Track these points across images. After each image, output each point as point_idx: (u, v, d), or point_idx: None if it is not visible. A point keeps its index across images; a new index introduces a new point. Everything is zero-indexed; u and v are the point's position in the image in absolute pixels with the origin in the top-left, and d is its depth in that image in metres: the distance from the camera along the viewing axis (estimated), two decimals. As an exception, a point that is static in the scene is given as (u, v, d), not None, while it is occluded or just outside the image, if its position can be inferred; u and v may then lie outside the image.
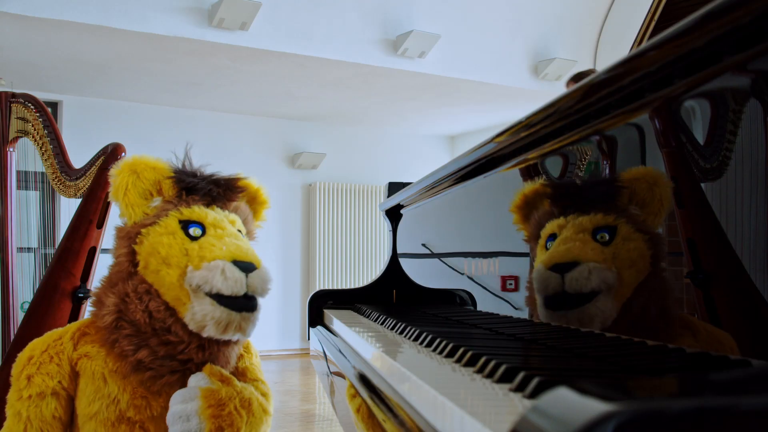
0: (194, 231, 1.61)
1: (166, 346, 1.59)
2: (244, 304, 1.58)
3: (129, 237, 1.64)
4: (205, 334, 1.58)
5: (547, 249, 0.98)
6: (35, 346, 1.65)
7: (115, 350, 1.59)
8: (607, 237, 0.86)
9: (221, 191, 1.71)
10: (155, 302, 1.59)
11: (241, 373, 1.77)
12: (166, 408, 1.61)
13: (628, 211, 0.82)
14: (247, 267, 1.58)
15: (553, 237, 0.97)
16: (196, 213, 1.64)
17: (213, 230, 1.63)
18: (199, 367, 1.63)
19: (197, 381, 1.59)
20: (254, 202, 1.84)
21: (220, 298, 1.56)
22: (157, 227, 1.61)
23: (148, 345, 1.58)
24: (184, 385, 1.61)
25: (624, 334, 0.86)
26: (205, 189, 1.69)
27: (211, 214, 1.65)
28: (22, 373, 1.61)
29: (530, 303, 1.06)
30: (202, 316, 1.55)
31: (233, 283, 1.56)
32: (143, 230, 1.62)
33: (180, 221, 1.62)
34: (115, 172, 1.65)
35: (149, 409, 1.61)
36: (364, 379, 1.07)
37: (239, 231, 1.71)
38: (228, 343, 1.67)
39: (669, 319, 0.77)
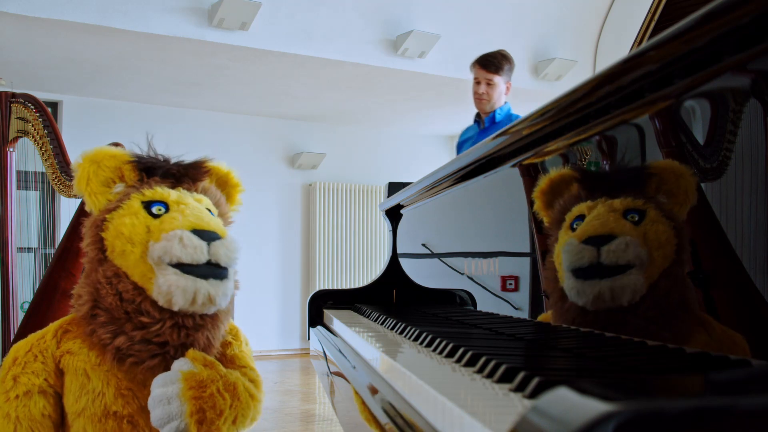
0: (157, 209, 1.62)
1: (141, 330, 1.57)
2: (210, 272, 1.57)
3: (96, 225, 1.65)
4: (175, 308, 1.57)
5: (573, 229, 0.98)
6: (19, 347, 1.65)
7: (93, 341, 1.59)
8: (636, 218, 0.86)
9: (182, 169, 1.72)
10: (124, 284, 1.58)
11: (229, 361, 1.77)
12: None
13: (657, 198, 0.83)
14: (209, 236, 1.58)
15: (580, 218, 0.98)
16: (159, 193, 1.64)
17: (176, 206, 1.63)
18: (178, 350, 1.61)
19: (180, 365, 1.58)
20: (226, 185, 1.84)
21: (182, 267, 1.55)
22: (120, 210, 1.62)
23: (124, 331, 1.57)
24: (166, 369, 1.59)
25: (647, 314, 0.85)
26: (164, 167, 1.69)
27: (174, 193, 1.66)
28: (8, 374, 1.61)
29: (549, 286, 1.05)
30: (167, 287, 1.54)
31: (192, 250, 1.55)
32: (107, 216, 1.63)
33: (143, 202, 1.63)
34: (76, 165, 1.68)
35: (136, 400, 1.60)
36: (363, 380, 1.07)
37: (208, 210, 1.70)
38: (205, 322, 1.65)
39: (687, 311, 0.77)
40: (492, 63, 3.39)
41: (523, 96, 6.31)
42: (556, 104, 0.95)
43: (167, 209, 1.63)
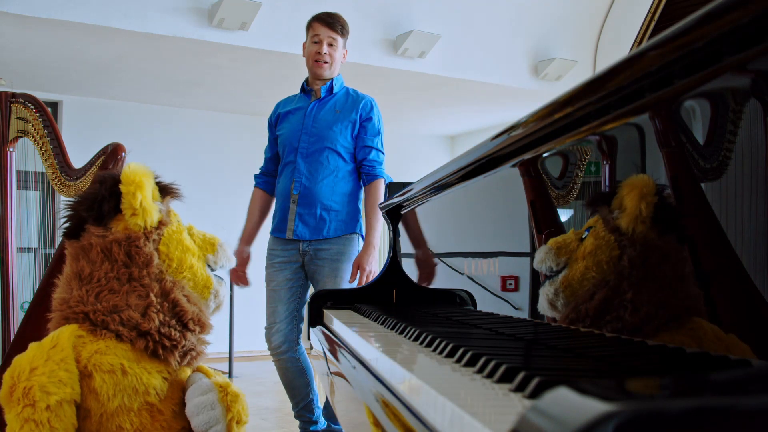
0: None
1: (198, 326, 1.80)
2: None
3: (154, 240, 1.81)
4: (219, 310, 1.86)
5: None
6: (34, 357, 1.60)
7: (166, 347, 1.73)
8: (585, 234, 0.94)
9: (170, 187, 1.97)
10: (187, 293, 1.80)
11: None
12: (175, 390, 1.77)
13: (611, 212, 0.86)
14: None
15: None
16: (172, 211, 1.91)
17: (178, 220, 1.90)
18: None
19: (200, 377, 1.78)
20: None
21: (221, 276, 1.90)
22: (172, 227, 1.83)
23: (188, 328, 1.77)
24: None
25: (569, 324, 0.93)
26: (170, 186, 1.92)
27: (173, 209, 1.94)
28: (31, 383, 1.55)
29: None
30: (224, 295, 1.85)
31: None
32: (166, 231, 1.82)
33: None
34: (131, 181, 1.76)
35: (164, 389, 1.76)
36: (363, 379, 1.07)
37: None
38: None
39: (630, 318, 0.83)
40: (338, 22, 2.95)
41: (523, 96, 6.32)
42: (556, 104, 0.95)
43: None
